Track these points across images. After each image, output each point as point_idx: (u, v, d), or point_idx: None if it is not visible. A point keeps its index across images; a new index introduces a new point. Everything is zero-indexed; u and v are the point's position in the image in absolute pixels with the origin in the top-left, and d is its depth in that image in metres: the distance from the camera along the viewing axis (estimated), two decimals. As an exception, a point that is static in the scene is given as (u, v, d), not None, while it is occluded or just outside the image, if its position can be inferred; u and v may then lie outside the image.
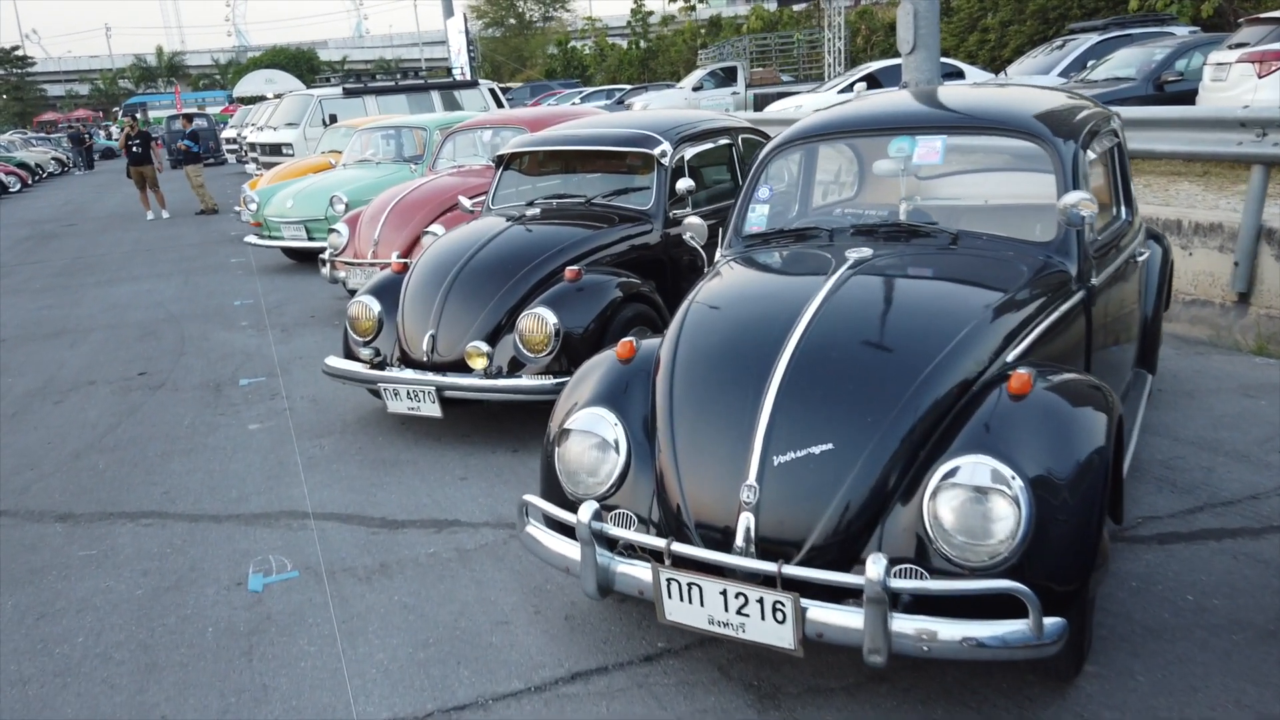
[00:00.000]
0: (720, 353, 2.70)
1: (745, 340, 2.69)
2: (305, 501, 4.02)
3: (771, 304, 2.86)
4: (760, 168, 3.55)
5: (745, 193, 3.55)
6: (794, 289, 2.93)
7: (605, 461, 2.66)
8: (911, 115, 3.48)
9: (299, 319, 7.58)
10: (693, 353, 2.73)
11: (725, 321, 2.85)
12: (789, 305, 2.73)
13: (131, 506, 4.10)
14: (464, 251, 4.76)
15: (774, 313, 2.74)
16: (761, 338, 2.65)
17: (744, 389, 2.53)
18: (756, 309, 2.87)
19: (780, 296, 2.91)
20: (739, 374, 2.59)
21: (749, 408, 2.47)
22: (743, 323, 2.81)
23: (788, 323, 2.64)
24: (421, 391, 4.37)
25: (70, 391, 5.96)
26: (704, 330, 2.82)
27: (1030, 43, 18.92)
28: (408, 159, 9.99)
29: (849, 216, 3.64)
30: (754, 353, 2.61)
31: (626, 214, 5.12)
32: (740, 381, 2.56)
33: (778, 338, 2.60)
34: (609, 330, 4.41)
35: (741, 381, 2.56)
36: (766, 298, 2.95)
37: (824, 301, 2.69)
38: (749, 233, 3.48)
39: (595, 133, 5.49)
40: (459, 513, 3.82)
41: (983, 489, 2.22)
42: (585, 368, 2.97)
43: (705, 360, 2.70)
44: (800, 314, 2.65)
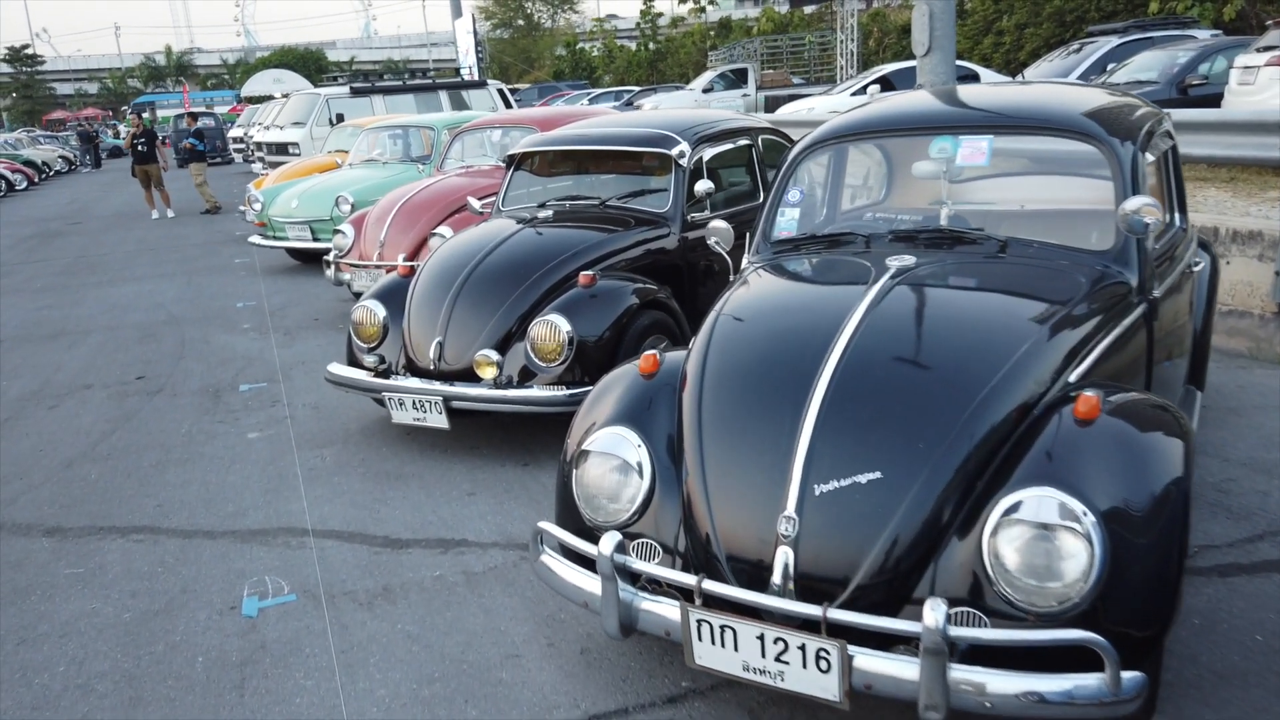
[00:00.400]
0: (754, 369, 2.48)
1: (781, 356, 2.48)
2: (305, 517, 3.81)
3: (808, 316, 2.64)
4: (790, 169, 3.34)
5: (774, 196, 3.33)
6: (832, 300, 2.72)
7: (627, 486, 2.44)
8: (954, 114, 3.26)
9: (302, 322, 7.39)
10: (723, 368, 2.52)
11: (758, 335, 2.64)
12: (828, 318, 2.51)
13: (123, 520, 3.89)
14: (473, 255, 4.55)
15: (811, 326, 2.53)
16: (799, 353, 2.43)
17: (781, 409, 2.32)
18: (792, 321, 2.65)
19: (818, 308, 2.69)
20: (775, 393, 2.37)
21: (786, 430, 2.26)
22: (778, 336, 2.59)
23: (827, 337, 2.42)
24: (428, 402, 4.16)
25: (66, 396, 5.77)
26: (735, 344, 2.61)
27: (1046, 46, 18.67)
28: (415, 159, 9.80)
29: (883, 221, 3.43)
30: (791, 370, 2.39)
31: (643, 217, 4.91)
32: (776, 401, 2.35)
33: (817, 353, 2.39)
34: (625, 338, 4.21)
35: (778, 401, 2.34)
36: (802, 309, 2.74)
37: (866, 314, 2.48)
38: (778, 238, 3.27)
39: (610, 132, 5.28)
40: (466, 531, 3.61)
41: (1049, 526, 2.00)
42: (605, 383, 2.76)
43: (737, 377, 2.48)
44: (841, 328, 2.44)
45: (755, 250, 3.28)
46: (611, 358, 4.15)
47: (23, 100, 67.74)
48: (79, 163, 33.17)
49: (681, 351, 2.80)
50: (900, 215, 3.46)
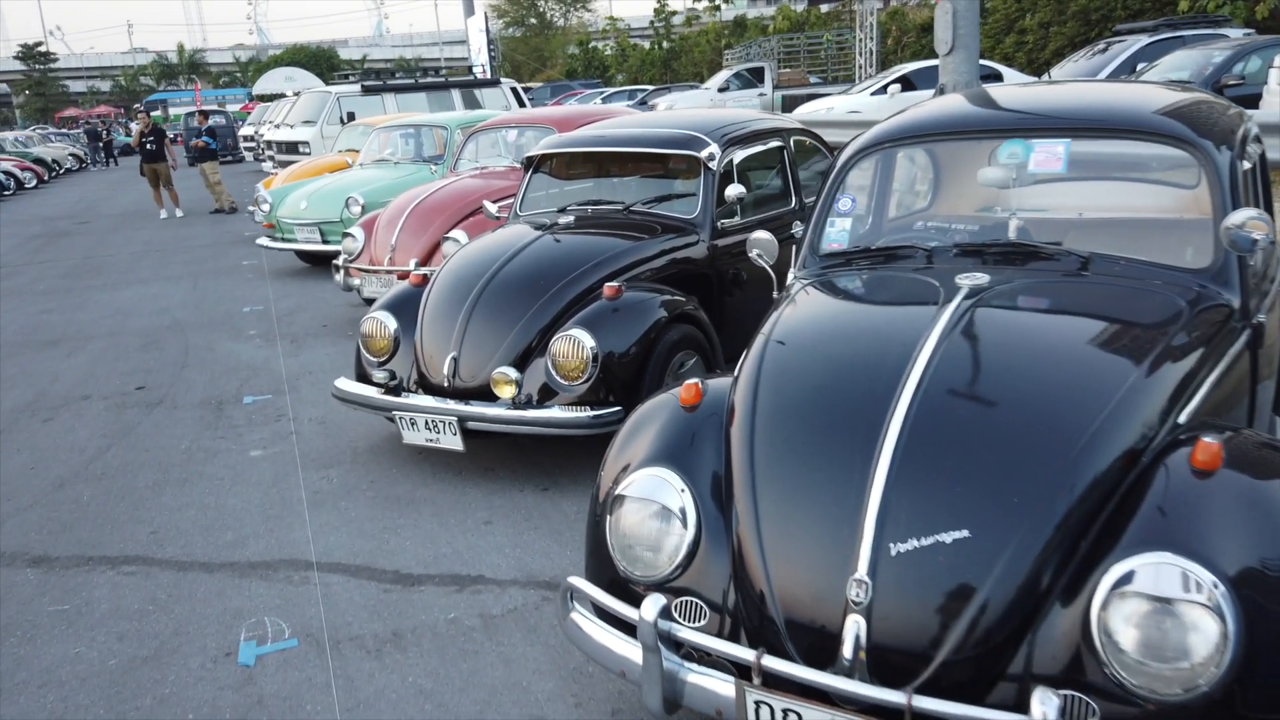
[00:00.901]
0: (813, 404, 2.19)
1: (845, 389, 2.19)
2: (309, 548, 3.54)
3: (873, 343, 2.34)
4: (840, 175, 3.04)
5: (821, 204, 3.03)
6: (899, 324, 2.42)
7: (669, 535, 2.15)
8: (1023, 116, 2.95)
9: (310, 328, 7.12)
10: (778, 403, 2.22)
11: (816, 364, 2.34)
12: (896, 346, 2.22)
13: (114, 549, 3.63)
14: (490, 264, 4.27)
15: (878, 355, 2.24)
16: (866, 387, 2.14)
17: (848, 452, 2.02)
18: (855, 349, 2.35)
19: (883, 334, 2.39)
20: (840, 433, 2.08)
21: (855, 477, 1.97)
22: (839, 366, 2.30)
23: (897, 369, 2.13)
24: (442, 422, 3.88)
25: (62, 408, 5.52)
26: (790, 374, 2.31)
27: (1071, 45, 18.29)
28: (427, 159, 9.54)
29: (942, 232, 3.13)
30: (858, 406, 2.10)
31: (669, 223, 4.61)
32: (842, 442, 2.05)
33: (886, 387, 2.09)
34: (653, 355, 3.92)
35: (844, 442, 2.05)
36: (865, 335, 2.43)
37: (940, 342, 2.18)
38: (827, 250, 2.97)
39: (635, 133, 4.99)
40: (483, 566, 3.32)
41: (1170, 600, 1.71)
42: (640, 415, 2.47)
43: (794, 413, 2.19)
44: (913, 357, 2.14)
45: (802, 264, 2.98)
46: (639, 376, 3.87)
47: (36, 98, 67.91)
48: (89, 161, 33.08)
49: (725, 379, 2.51)
50: (956, 225, 3.16)
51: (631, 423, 2.45)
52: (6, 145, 28.21)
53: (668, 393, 2.51)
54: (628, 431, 2.43)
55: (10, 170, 23.18)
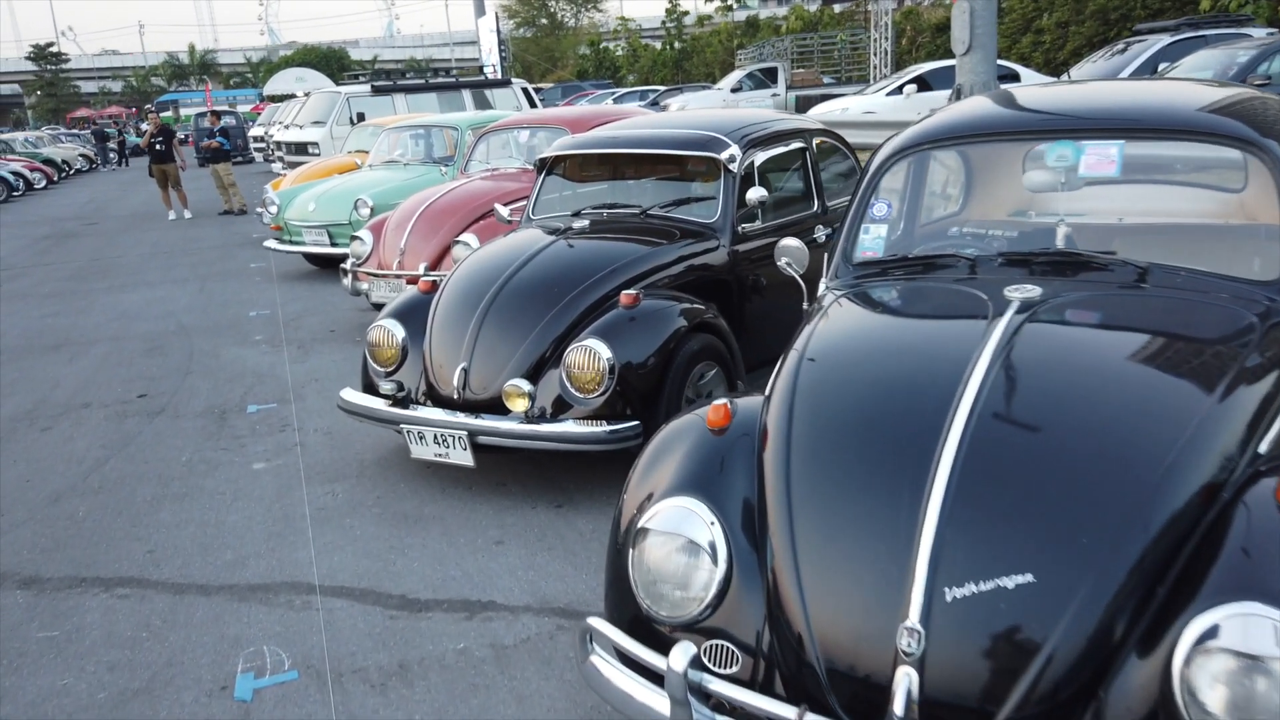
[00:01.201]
0: (856, 429, 2.01)
1: (891, 413, 2.01)
2: (311, 569, 3.38)
3: (919, 362, 2.16)
4: (874, 178, 2.85)
5: (855, 210, 2.85)
6: (946, 342, 2.24)
7: (697, 572, 1.97)
8: (1072, 116, 2.76)
9: (318, 334, 6.97)
10: (816, 426, 2.05)
11: (857, 384, 2.16)
12: (945, 365, 2.04)
13: (108, 570, 3.47)
14: (501, 270, 4.10)
15: (926, 375, 2.06)
16: (914, 411, 1.96)
17: (896, 484, 1.84)
18: (900, 368, 2.17)
19: (930, 352, 2.21)
20: (887, 461, 1.90)
21: (905, 512, 1.79)
22: (883, 387, 2.12)
23: (947, 391, 1.95)
24: (451, 436, 3.72)
25: (61, 416, 5.38)
26: (828, 395, 2.13)
27: (1089, 45, 18.03)
28: (437, 160, 9.39)
29: (972, 238, 2.94)
30: (906, 432, 1.92)
31: (688, 228, 4.44)
32: (890, 472, 1.87)
33: (936, 412, 1.92)
34: (672, 366, 3.74)
35: (892, 473, 1.87)
36: (910, 353, 2.25)
37: (994, 362, 2.00)
38: (861, 259, 2.79)
39: (652, 134, 4.81)
40: (494, 590, 3.15)
41: (1261, 657, 1.52)
42: (665, 438, 2.29)
43: (835, 438, 2.01)
44: (963, 378, 1.96)
45: (834, 274, 2.80)
46: (658, 388, 3.70)
47: (48, 98, 68.20)
48: (100, 162, 33.10)
49: (755, 399, 2.33)
50: (994, 231, 2.97)
51: (654, 446, 2.28)
52: (16, 146, 28.24)
53: (693, 413, 2.33)
54: (650, 456, 2.25)
55: (19, 171, 23.16)
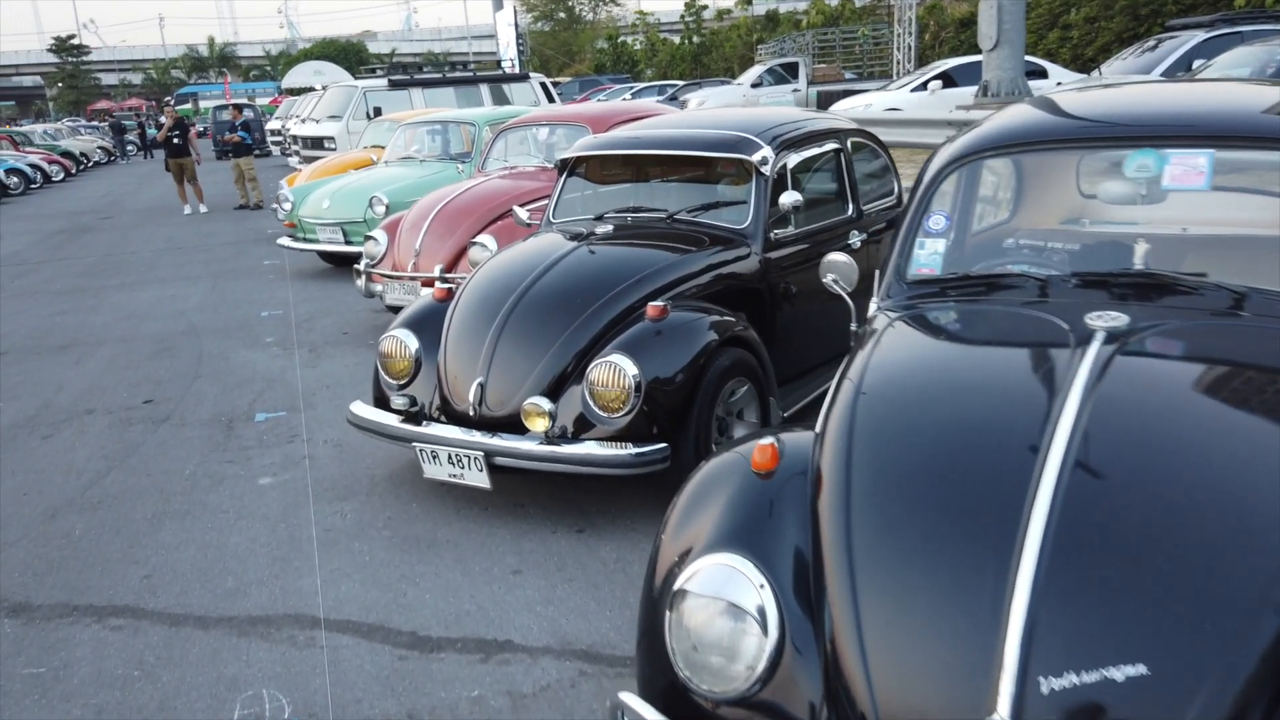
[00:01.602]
0: (929, 479, 1.76)
1: (968, 461, 1.76)
2: (317, 599, 3.16)
3: (997, 400, 1.91)
4: (931, 187, 2.60)
5: (909, 222, 2.59)
6: (1025, 377, 1.99)
7: (745, 639, 1.74)
8: (1153, 120, 2.50)
9: (330, 336, 6.78)
10: (881, 474, 1.80)
11: (927, 425, 1.91)
12: (1027, 405, 1.79)
13: (102, 597, 3.27)
14: (521, 278, 3.87)
15: (1005, 416, 1.81)
16: (995, 459, 1.72)
17: (979, 546, 1.60)
18: (975, 407, 1.92)
19: (1007, 389, 1.96)
20: (966, 518, 1.66)
21: (990, 581, 1.54)
22: (958, 429, 1.87)
23: (1032, 436, 1.70)
24: (467, 457, 3.49)
25: (64, 423, 5.19)
26: (893, 437, 1.89)
27: (1118, 41, 17.63)
28: (454, 156, 9.18)
29: (1030, 252, 2.68)
30: (988, 484, 1.68)
31: (718, 234, 4.19)
32: (970, 532, 1.63)
33: (1022, 461, 1.67)
34: (702, 383, 3.50)
35: (973, 532, 1.63)
36: (985, 389, 1.99)
37: (1085, 403, 1.75)
38: (916, 276, 2.54)
39: (679, 134, 4.56)
40: (511, 628, 2.93)
41: None
42: (704, 481, 2.05)
43: (904, 489, 1.77)
44: (1050, 421, 1.72)
45: (886, 292, 2.55)
46: (686, 407, 3.46)
47: (69, 90, 68.55)
48: (118, 154, 33.14)
49: (804, 435, 2.09)
50: (1053, 243, 2.72)
51: (691, 491, 2.04)
52: (35, 138, 28.27)
53: (734, 453, 2.09)
54: (687, 502, 2.02)
55: (37, 163, 23.13)
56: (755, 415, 3.83)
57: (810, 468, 1.94)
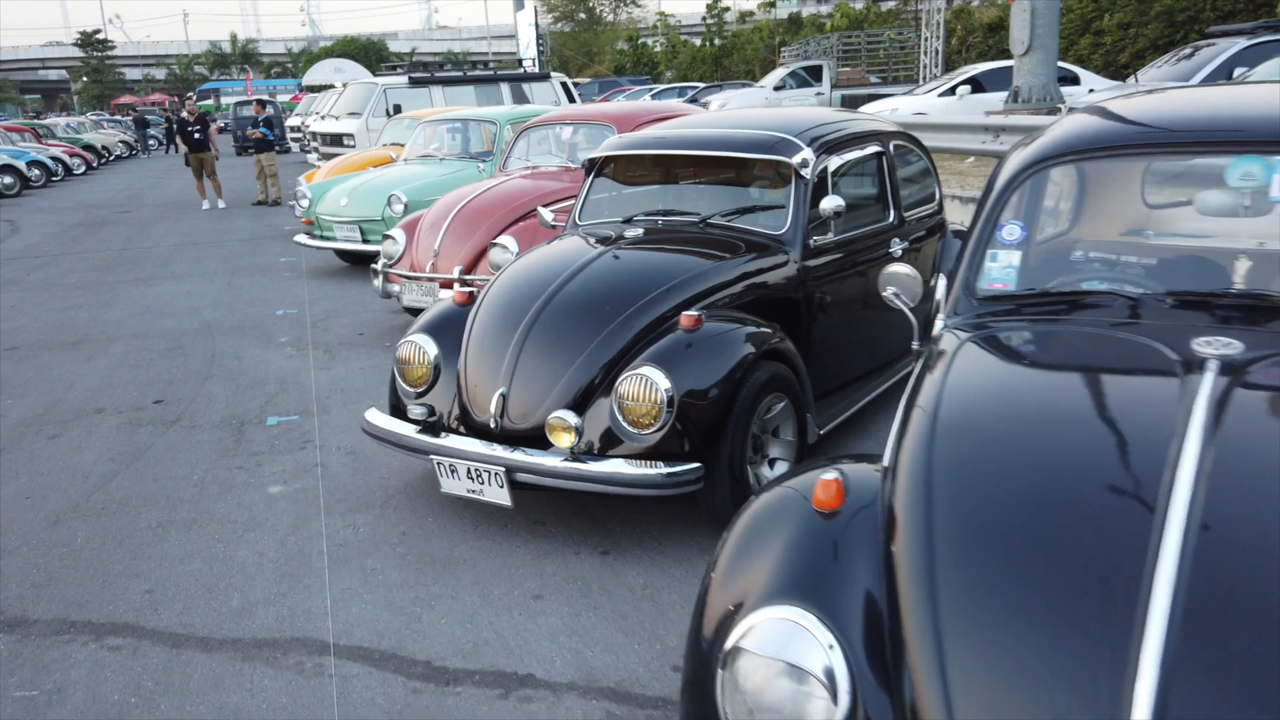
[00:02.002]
0: (1028, 527, 1.55)
1: (1077, 507, 1.54)
2: (326, 622, 2.97)
3: (1101, 437, 1.69)
4: (1004, 195, 2.38)
5: (980, 232, 2.38)
6: (1132, 409, 1.76)
7: (810, 704, 1.53)
8: (1255, 124, 2.27)
9: (345, 337, 6.61)
10: (969, 519, 1.59)
11: (1021, 464, 1.69)
12: (1140, 444, 1.58)
13: (101, 613, 3.09)
14: (546, 283, 3.67)
15: (1115, 456, 1.60)
16: (1108, 506, 1.50)
17: (1091, 609, 1.38)
18: (1078, 444, 1.69)
19: (1114, 423, 1.74)
20: (1074, 576, 1.44)
21: (1107, 651, 1.33)
22: (1060, 470, 1.64)
23: (1149, 479, 1.49)
24: (487, 472, 3.29)
25: (72, 422, 5.03)
26: (981, 475, 1.67)
27: (1153, 48, 17.29)
28: (474, 155, 9.01)
29: (1102, 265, 2.46)
30: (1101, 536, 1.46)
31: (754, 240, 3.98)
32: (1083, 593, 1.41)
33: (1138, 511, 1.46)
34: (738, 399, 3.29)
35: (1086, 594, 1.41)
36: (1086, 423, 1.77)
37: (1208, 444, 1.53)
38: (987, 292, 2.32)
39: (714, 135, 4.35)
40: (533, 659, 2.73)
41: None
42: (756, 519, 1.84)
43: (999, 537, 1.55)
44: (1167, 464, 1.50)
45: (953, 309, 2.33)
46: (721, 424, 3.25)
47: (93, 84, 69.06)
48: (140, 148, 33.25)
49: (867, 468, 1.88)
50: (1126, 256, 2.49)
51: (744, 529, 1.83)
52: (57, 131, 28.37)
53: (789, 487, 1.88)
54: (739, 542, 1.80)
55: (59, 156, 23.17)
56: (792, 433, 3.62)
57: (880, 507, 1.73)
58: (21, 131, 25.18)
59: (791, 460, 3.60)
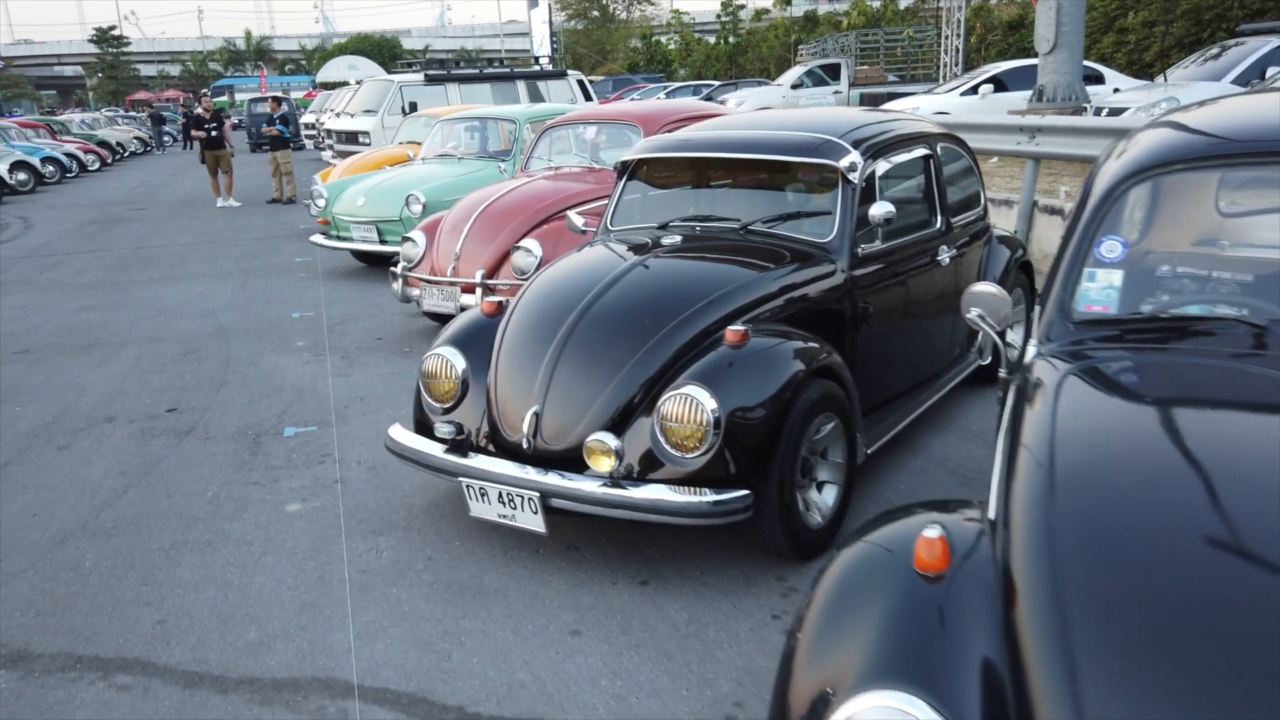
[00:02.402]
0: (1189, 610, 1.32)
1: (1243, 590, 1.32)
2: (349, 659, 2.77)
3: (1251, 496, 1.47)
4: (1102, 206, 2.15)
5: (1076, 248, 2.15)
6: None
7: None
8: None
9: (363, 341, 6.42)
10: (1110, 593, 1.37)
11: (1159, 528, 1.46)
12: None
13: (110, 646, 2.90)
14: (581, 294, 3.46)
15: (1274, 524, 1.37)
16: (1271, 595, 1.28)
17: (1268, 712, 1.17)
18: (1228, 509, 1.47)
19: (1264, 481, 1.52)
20: (1259, 682, 1.22)
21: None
22: (1213, 539, 1.42)
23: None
24: (520, 497, 3.09)
25: (82, 431, 4.86)
26: (1117, 541, 1.45)
27: (1179, 46, 16.95)
28: (493, 155, 8.81)
29: (1192, 283, 2.23)
30: (1271, 629, 1.24)
31: (799, 248, 3.76)
32: (1251, 692, 1.19)
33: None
34: (788, 420, 3.08)
35: (1254, 692, 1.19)
36: (1233, 482, 1.54)
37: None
38: (1086, 316, 2.09)
39: (756, 136, 4.13)
40: (573, 706, 2.52)
41: None
42: (844, 582, 1.62)
43: (1152, 621, 1.32)
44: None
45: (1046, 333, 2.11)
46: (770, 447, 3.04)
47: (108, 80, 69.22)
48: (154, 144, 33.21)
49: (970, 522, 1.66)
50: (1217, 272, 2.26)
51: (832, 593, 1.61)
52: (72, 127, 28.32)
53: (879, 545, 1.67)
54: (827, 609, 1.59)
55: (73, 152, 23.10)
56: (841, 455, 3.40)
57: (995, 569, 1.51)
58: (36, 128, 25.14)
59: (840, 483, 3.39)
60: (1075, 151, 7.45)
